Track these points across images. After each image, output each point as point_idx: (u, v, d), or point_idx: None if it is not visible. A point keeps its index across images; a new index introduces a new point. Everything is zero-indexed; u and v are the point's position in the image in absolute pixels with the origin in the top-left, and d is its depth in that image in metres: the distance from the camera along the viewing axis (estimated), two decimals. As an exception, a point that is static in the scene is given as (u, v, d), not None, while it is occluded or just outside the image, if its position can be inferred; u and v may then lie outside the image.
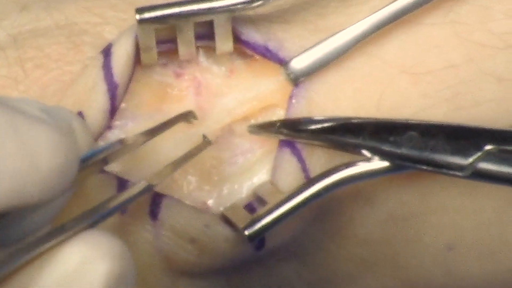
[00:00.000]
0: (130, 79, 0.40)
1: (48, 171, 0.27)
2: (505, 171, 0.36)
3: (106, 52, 0.39)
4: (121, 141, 0.35)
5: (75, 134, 0.30)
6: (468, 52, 0.39)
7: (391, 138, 0.37)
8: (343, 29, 0.39)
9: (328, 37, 0.39)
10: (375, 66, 0.40)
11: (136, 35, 0.39)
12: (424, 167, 0.36)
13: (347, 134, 0.37)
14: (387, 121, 0.37)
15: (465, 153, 0.36)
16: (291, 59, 0.39)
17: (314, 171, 0.39)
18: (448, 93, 0.39)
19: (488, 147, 0.36)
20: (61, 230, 0.29)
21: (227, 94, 0.41)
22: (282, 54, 0.40)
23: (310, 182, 0.37)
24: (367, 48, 0.40)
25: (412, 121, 0.37)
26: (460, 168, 0.36)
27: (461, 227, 0.40)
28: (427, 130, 0.37)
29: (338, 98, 0.39)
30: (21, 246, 0.29)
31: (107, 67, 0.39)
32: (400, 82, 0.39)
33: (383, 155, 0.37)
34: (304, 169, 0.39)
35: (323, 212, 0.40)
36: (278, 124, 0.39)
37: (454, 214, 0.40)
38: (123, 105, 0.40)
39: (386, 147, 0.37)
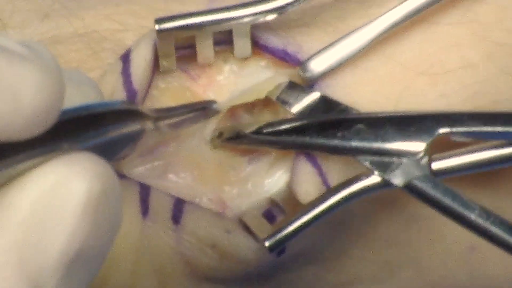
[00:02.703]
0: (149, 85, 0.40)
1: (30, 111, 0.25)
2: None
3: (125, 58, 0.40)
4: (128, 103, 0.32)
5: (60, 71, 0.27)
6: (486, 51, 0.39)
7: (339, 134, 0.37)
8: (359, 28, 0.39)
9: (344, 37, 0.39)
10: (392, 68, 0.39)
11: (155, 42, 0.39)
12: None
13: (293, 134, 0.38)
14: (332, 118, 0.37)
15: (418, 139, 0.36)
16: (307, 59, 0.39)
17: (331, 176, 0.39)
18: (466, 92, 0.39)
19: (441, 130, 0.36)
20: (40, 153, 0.27)
21: (243, 93, 0.41)
22: (301, 56, 0.40)
23: (331, 191, 0.37)
24: (384, 49, 0.40)
25: (357, 115, 0.37)
26: (416, 154, 0.36)
27: None
28: (374, 122, 0.37)
29: (355, 100, 0.39)
30: None
31: (126, 73, 0.39)
32: (418, 83, 0.39)
33: (333, 151, 0.37)
34: (321, 173, 0.39)
35: (344, 216, 0.40)
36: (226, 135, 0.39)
37: None
38: None
39: (335, 143, 0.37)
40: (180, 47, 0.40)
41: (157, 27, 0.37)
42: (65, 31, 0.41)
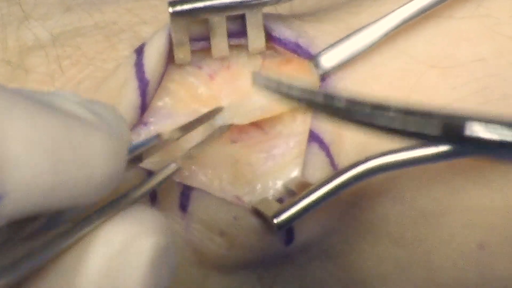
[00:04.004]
0: (162, 76, 0.41)
1: (101, 178, 0.27)
2: None
3: (139, 50, 0.40)
4: (158, 136, 0.35)
5: (123, 135, 0.29)
6: (497, 46, 0.39)
7: None
8: (371, 23, 0.39)
9: (356, 32, 0.40)
10: (404, 61, 0.40)
11: (169, 33, 0.40)
12: None
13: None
14: None
15: None
16: (319, 54, 0.40)
17: (343, 165, 0.39)
18: (476, 86, 0.39)
19: None
20: (98, 213, 0.29)
21: (259, 93, 0.41)
22: (313, 50, 0.40)
23: (339, 172, 0.37)
24: (396, 43, 0.40)
25: None
26: None
27: (492, 225, 0.40)
28: None
29: (366, 93, 0.40)
30: (61, 231, 0.28)
31: (139, 64, 0.40)
32: (429, 77, 0.39)
33: None
34: (332, 163, 0.39)
35: (353, 210, 0.40)
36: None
37: (485, 211, 0.40)
38: (159, 103, 0.41)
39: None
40: (194, 38, 0.40)
41: (170, 9, 0.38)
42: (85, 24, 0.43)
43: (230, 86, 0.41)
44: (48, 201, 0.26)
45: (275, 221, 0.37)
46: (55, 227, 0.29)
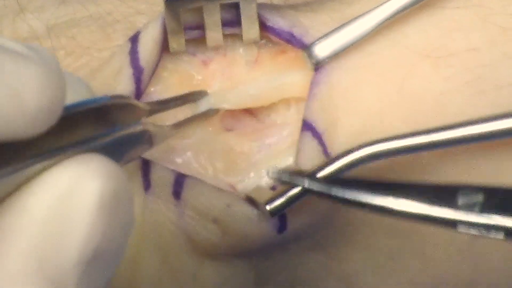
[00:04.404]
0: (156, 64, 0.41)
1: (34, 110, 0.26)
2: None
3: (134, 39, 0.41)
4: (124, 97, 0.33)
5: (61, 71, 0.28)
6: (490, 36, 0.39)
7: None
8: (365, 13, 0.40)
9: (350, 22, 0.40)
10: (397, 51, 0.40)
11: (164, 21, 0.40)
12: None
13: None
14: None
15: None
16: (314, 44, 0.40)
17: (335, 154, 0.39)
18: (469, 76, 0.39)
19: None
20: (48, 156, 0.28)
21: (252, 82, 0.41)
22: (307, 40, 0.40)
23: (332, 160, 0.38)
24: (389, 33, 0.40)
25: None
26: None
27: None
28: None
29: (360, 83, 0.40)
30: (5, 171, 0.27)
31: (133, 52, 0.40)
32: (422, 66, 0.40)
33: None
34: (325, 151, 0.39)
35: None
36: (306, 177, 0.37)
37: None
38: (152, 89, 0.41)
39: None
40: (189, 27, 0.40)
41: (164, -3, 0.38)
42: (80, 16, 0.43)
43: (224, 73, 0.42)
44: None
45: (267, 207, 0.37)
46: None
